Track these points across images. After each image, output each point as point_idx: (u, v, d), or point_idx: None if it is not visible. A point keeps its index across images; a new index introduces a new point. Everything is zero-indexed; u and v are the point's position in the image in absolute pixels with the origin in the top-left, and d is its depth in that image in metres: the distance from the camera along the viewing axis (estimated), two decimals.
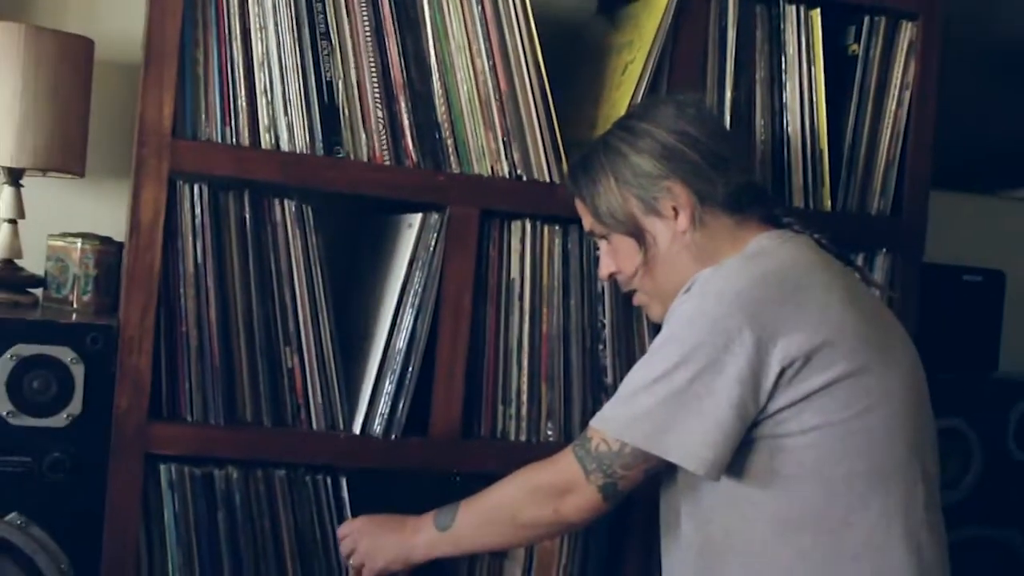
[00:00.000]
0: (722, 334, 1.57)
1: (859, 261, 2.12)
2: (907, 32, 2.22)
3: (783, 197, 2.12)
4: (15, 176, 2.06)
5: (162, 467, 1.85)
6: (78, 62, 2.06)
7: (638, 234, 1.76)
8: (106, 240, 2.06)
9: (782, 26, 2.15)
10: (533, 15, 1.98)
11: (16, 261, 2.08)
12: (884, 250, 2.19)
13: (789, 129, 2.16)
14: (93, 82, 2.12)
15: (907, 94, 2.21)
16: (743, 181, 1.77)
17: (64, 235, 2.06)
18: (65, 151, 2.05)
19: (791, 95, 2.15)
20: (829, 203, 2.17)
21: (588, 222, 1.83)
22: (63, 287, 2.05)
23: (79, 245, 2.03)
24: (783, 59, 2.16)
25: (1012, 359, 2.76)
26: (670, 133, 1.73)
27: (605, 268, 1.85)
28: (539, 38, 1.99)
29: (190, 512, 1.86)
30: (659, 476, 1.76)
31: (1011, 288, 2.74)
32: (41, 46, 1.99)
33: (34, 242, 2.11)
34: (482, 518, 1.77)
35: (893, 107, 2.21)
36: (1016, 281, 2.77)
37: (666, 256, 1.75)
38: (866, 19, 2.20)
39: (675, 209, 1.73)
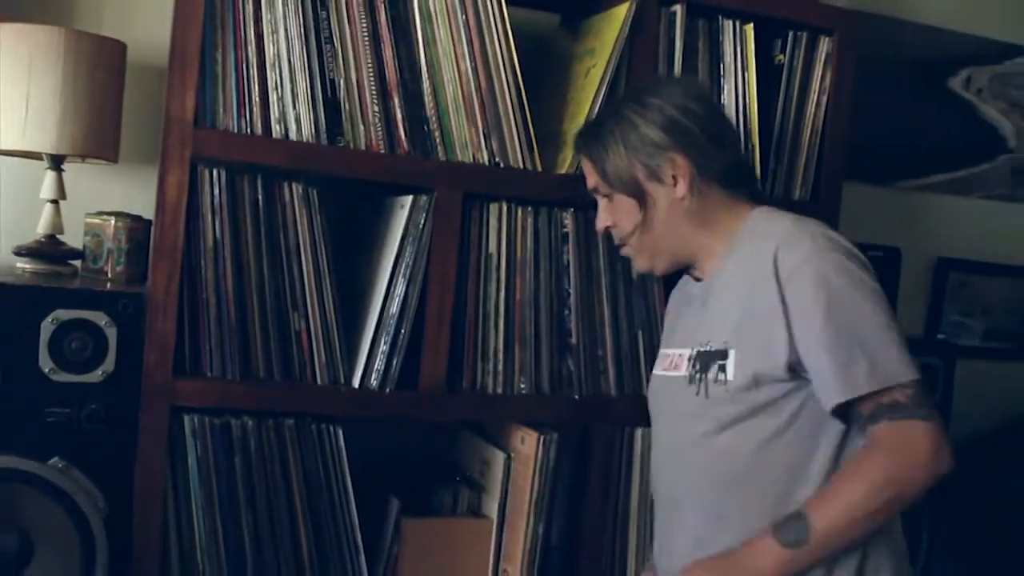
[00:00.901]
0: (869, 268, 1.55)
1: None
2: (824, 45, 2.12)
3: None
4: (56, 162, 1.93)
5: (186, 417, 1.73)
6: (112, 62, 1.92)
7: (640, 196, 1.66)
8: (136, 218, 1.93)
9: (720, 38, 2.05)
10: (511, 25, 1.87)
11: (58, 236, 1.94)
12: None
13: None
14: (126, 80, 1.97)
15: (824, 98, 2.12)
16: (736, 159, 1.70)
17: (100, 214, 1.94)
18: (100, 140, 1.91)
19: (728, 97, 2.05)
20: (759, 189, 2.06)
21: (593, 181, 1.73)
22: (99, 259, 1.93)
23: (113, 222, 1.91)
24: (721, 66, 2.05)
25: (906, 321, 2.68)
26: (676, 109, 1.64)
27: (602, 222, 1.75)
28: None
29: (210, 457, 1.74)
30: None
31: (905, 262, 2.70)
32: (79, 48, 1.85)
33: (74, 220, 1.98)
34: (843, 520, 1.47)
35: (812, 109, 2.11)
36: (909, 256, 2.72)
37: (664, 218, 1.66)
38: (790, 34, 2.10)
39: (675, 177, 1.64)
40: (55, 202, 1.94)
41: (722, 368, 1.57)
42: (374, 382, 1.82)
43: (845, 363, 1.47)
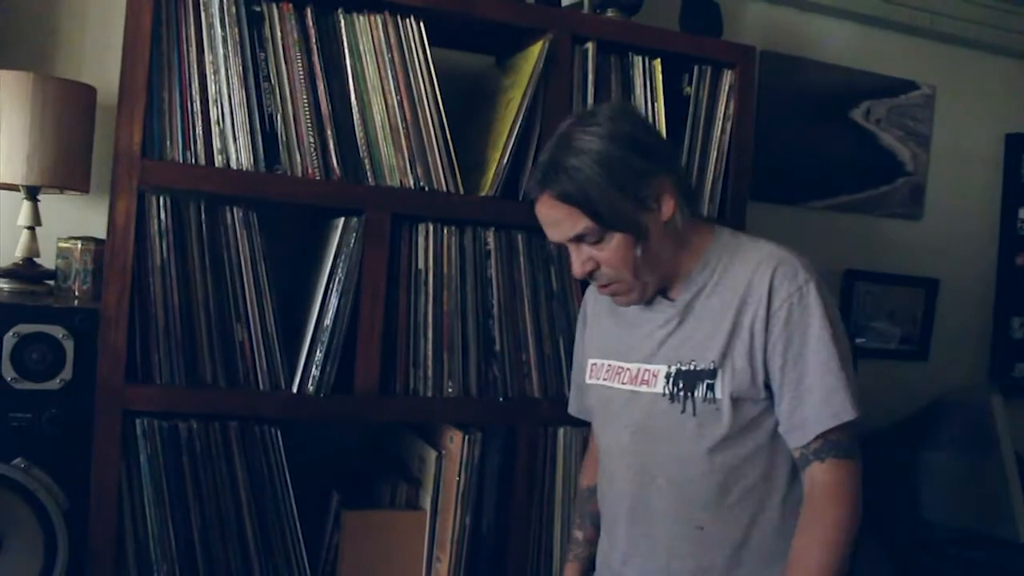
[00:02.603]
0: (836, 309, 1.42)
1: None
2: (727, 78, 2.02)
3: None
4: (32, 192, 1.83)
5: (137, 421, 1.63)
6: (80, 103, 1.82)
7: (637, 229, 1.39)
8: (101, 241, 1.83)
9: (631, 72, 1.96)
10: (435, 69, 1.77)
11: (35, 259, 1.85)
12: None
13: None
14: (98, 119, 1.88)
15: (728, 125, 2.01)
16: (686, 175, 1.50)
17: (70, 238, 1.84)
18: (70, 172, 1.81)
19: None
20: None
21: (579, 228, 1.39)
22: (68, 279, 1.82)
23: (80, 246, 1.81)
24: (632, 98, 1.95)
25: None
26: (642, 131, 1.41)
27: (585, 268, 1.43)
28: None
29: (160, 457, 1.64)
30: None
31: None
32: (47, 91, 1.75)
33: (51, 245, 1.88)
34: None
35: (718, 135, 2.01)
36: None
37: (657, 245, 1.41)
38: (696, 67, 2.01)
39: (658, 200, 1.40)
40: (31, 228, 1.85)
41: (711, 387, 1.40)
42: (311, 387, 1.71)
43: (805, 401, 1.37)
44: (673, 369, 1.44)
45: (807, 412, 1.37)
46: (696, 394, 1.41)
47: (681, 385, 1.43)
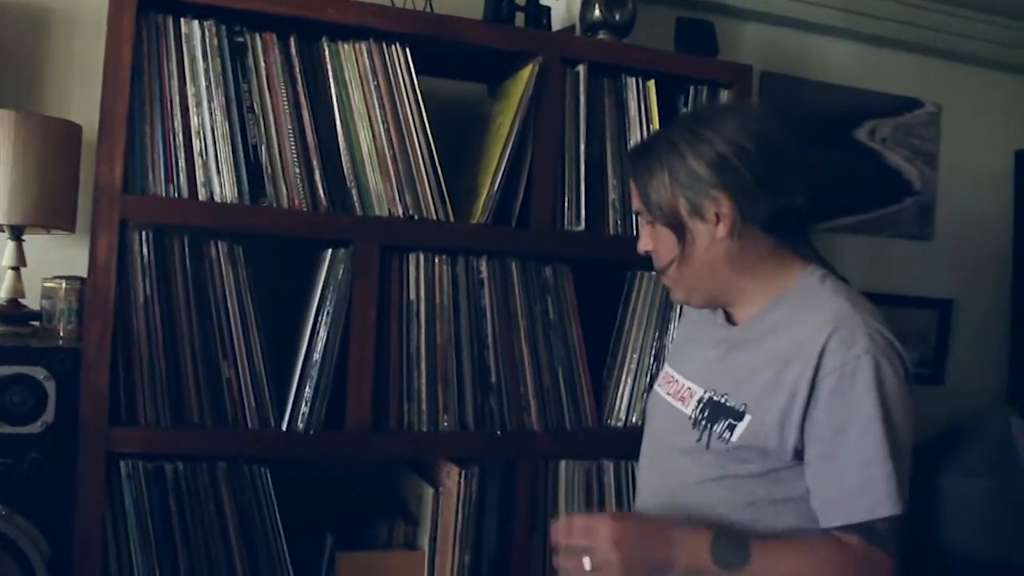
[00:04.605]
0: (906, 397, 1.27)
1: None
2: (724, 98, 1.97)
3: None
4: (16, 232, 1.80)
5: (121, 463, 1.57)
6: (65, 141, 1.78)
7: (679, 230, 1.36)
8: (84, 280, 1.78)
9: (624, 94, 1.91)
10: (424, 97, 1.73)
11: (20, 300, 1.80)
12: None
13: None
14: (84, 157, 1.84)
15: None
16: (786, 204, 1.37)
17: (54, 278, 1.79)
18: (55, 212, 1.78)
19: None
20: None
21: (636, 204, 1.43)
22: (53, 318, 1.76)
23: (64, 285, 1.76)
24: (626, 119, 1.91)
25: None
26: (728, 144, 1.33)
27: (642, 245, 1.44)
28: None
29: (145, 500, 1.58)
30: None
31: None
32: (29, 129, 1.72)
33: (38, 284, 1.83)
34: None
35: None
36: None
37: (702, 256, 1.36)
38: (691, 88, 1.96)
39: (717, 215, 1.34)
40: (16, 269, 1.81)
41: (730, 428, 1.31)
42: (300, 425, 1.65)
43: (840, 484, 1.25)
44: (707, 396, 1.37)
45: (836, 495, 1.25)
46: (715, 429, 1.33)
47: (707, 415, 1.36)
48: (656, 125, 1.91)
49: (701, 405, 1.38)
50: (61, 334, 1.76)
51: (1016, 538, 2.26)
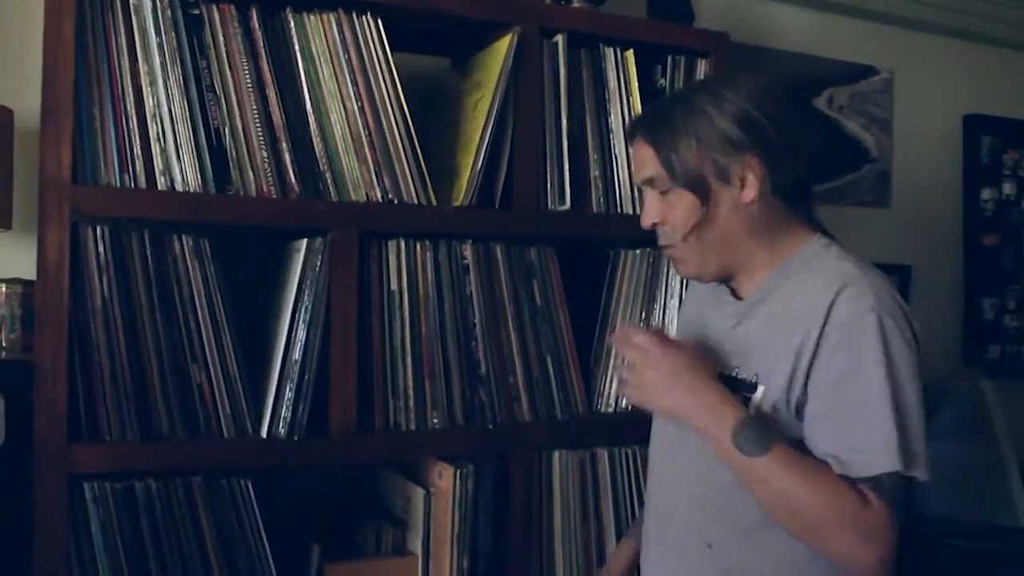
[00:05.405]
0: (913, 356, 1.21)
1: None
2: (702, 67, 1.90)
3: None
4: None
5: (85, 485, 1.41)
6: None
7: (704, 194, 1.28)
8: (29, 283, 1.61)
9: (603, 65, 1.82)
10: (396, 66, 1.61)
11: None
12: None
13: (616, 150, 1.82)
14: (16, 147, 1.66)
15: None
16: (805, 174, 1.32)
17: None
18: None
19: (615, 120, 1.81)
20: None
21: (651, 171, 1.32)
22: None
23: (3, 289, 1.59)
24: (606, 92, 1.82)
25: None
26: (751, 103, 1.27)
27: (650, 217, 1.34)
28: (405, 89, 1.62)
29: (114, 523, 1.42)
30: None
31: None
32: None
33: None
34: (781, 484, 1.18)
35: None
36: None
37: (723, 222, 1.29)
38: (669, 58, 1.88)
39: (742, 180, 1.27)
40: None
41: (746, 400, 1.26)
42: (282, 430, 1.52)
43: (836, 440, 1.20)
44: (716, 372, 1.30)
45: (840, 447, 1.19)
46: None
47: None
48: (636, 96, 1.82)
49: None
50: (3, 344, 1.59)
51: (991, 500, 2.28)
